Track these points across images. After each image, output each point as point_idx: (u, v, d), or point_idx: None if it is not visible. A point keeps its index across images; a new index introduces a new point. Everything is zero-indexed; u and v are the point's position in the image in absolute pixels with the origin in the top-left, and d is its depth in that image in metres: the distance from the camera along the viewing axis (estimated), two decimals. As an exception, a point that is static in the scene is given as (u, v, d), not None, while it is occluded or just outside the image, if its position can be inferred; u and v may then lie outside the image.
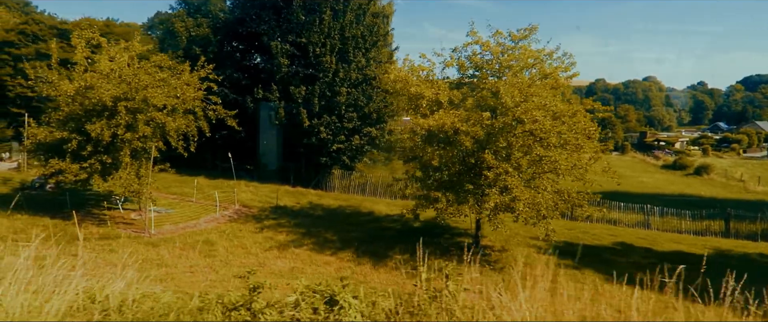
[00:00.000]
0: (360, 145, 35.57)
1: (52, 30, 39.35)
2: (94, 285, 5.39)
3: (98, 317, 4.39)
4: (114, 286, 5.40)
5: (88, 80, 21.98)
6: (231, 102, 30.17)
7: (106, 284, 5.59)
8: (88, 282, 5.05)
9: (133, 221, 24.59)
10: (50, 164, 21.53)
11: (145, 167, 22.87)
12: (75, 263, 5.40)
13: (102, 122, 21.33)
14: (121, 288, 5.27)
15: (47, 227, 22.16)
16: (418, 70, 22.10)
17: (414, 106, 21.88)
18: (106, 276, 5.63)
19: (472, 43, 22.26)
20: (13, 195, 27.56)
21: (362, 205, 31.66)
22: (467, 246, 24.36)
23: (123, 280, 5.47)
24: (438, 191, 20.24)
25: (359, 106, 33.94)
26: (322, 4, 33.00)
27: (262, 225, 25.10)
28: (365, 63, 34.26)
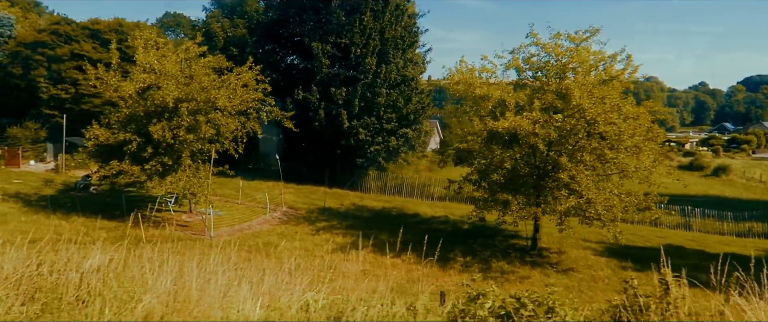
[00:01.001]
0: (396, 146, 35.55)
1: (84, 30, 39.16)
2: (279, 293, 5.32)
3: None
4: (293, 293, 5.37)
5: (146, 81, 21.89)
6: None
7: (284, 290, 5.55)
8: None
9: (186, 222, 24.49)
10: (111, 166, 21.39)
11: (203, 168, 22.78)
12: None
13: (163, 124, 21.23)
14: (299, 294, 5.23)
15: (107, 228, 22.08)
16: (482, 71, 22.07)
17: (475, 108, 21.85)
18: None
19: (530, 45, 22.27)
20: (58, 196, 27.44)
21: (405, 206, 31.61)
22: (522, 248, 24.41)
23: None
24: (506, 193, 20.17)
25: (398, 107, 33.90)
26: (361, 5, 32.94)
27: (315, 227, 25.02)
28: (403, 64, 34.23)
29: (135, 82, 21.71)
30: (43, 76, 37.45)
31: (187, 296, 4.61)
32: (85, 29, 39.26)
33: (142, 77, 22.03)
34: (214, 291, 4.93)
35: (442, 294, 5.43)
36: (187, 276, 5.10)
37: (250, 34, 34.91)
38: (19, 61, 38.49)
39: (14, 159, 33.71)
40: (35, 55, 37.81)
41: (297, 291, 5.38)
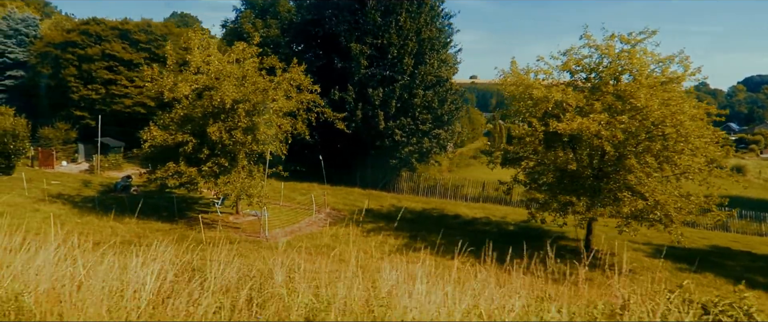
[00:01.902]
0: (430, 147, 35.51)
1: (113, 31, 38.98)
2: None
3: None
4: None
5: (201, 82, 21.78)
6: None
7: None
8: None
9: (235, 224, 24.39)
10: (167, 167, 21.28)
11: (257, 169, 22.70)
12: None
13: (219, 124, 21.14)
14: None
15: (163, 230, 21.98)
16: (537, 72, 22.04)
17: (532, 110, 21.81)
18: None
19: (582, 47, 22.25)
20: (101, 198, 27.28)
21: (444, 208, 31.57)
22: (573, 250, 24.26)
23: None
24: (567, 194, 20.13)
25: (433, 108, 33.85)
26: (396, 5, 32.88)
27: (363, 229, 24.93)
28: (437, 65, 34.19)
29: (190, 83, 21.58)
30: (73, 76, 37.23)
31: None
32: (115, 29, 39.08)
33: (196, 78, 21.91)
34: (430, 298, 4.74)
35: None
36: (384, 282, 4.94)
37: (283, 35, 34.81)
38: (49, 61, 38.27)
39: (48, 160, 33.53)
40: (65, 55, 37.60)
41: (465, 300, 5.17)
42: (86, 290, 4.34)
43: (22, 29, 43.39)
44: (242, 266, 5.49)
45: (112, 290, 4.34)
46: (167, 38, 39.97)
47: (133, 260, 5.02)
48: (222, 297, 4.47)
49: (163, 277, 4.71)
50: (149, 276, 4.52)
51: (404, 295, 4.56)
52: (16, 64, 42.58)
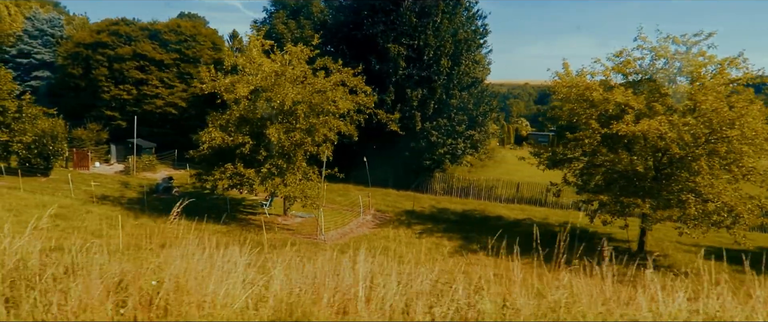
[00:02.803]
0: (463, 148, 35.48)
1: (143, 31, 38.84)
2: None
3: None
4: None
5: (256, 83, 21.69)
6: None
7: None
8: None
9: (287, 225, 24.30)
10: (225, 169, 21.17)
11: (314, 171, 22.63)
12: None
13: (276, 126, 21.06)
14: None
15: (220, 232, 21.87)
16: (594, 74, 22.04)
17: (589, 111, 21.79)
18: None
19: (636, 48, 22.29)
20: (145, 199, 27.14)
21: (484, 209, 31.53)
22: (625, 251, 24.41)
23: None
24: (630, 197, 20.11)
25: (468, 109, 33.82)
26: (432, 6, 32.84)
27: (413, 230, 24.89)
28: (471, 65, 34.16)
29: (248, 84, 21.48)
30: (104, 76, 37.05)
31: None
32: (144, 30, 38.93)
33: (249, 79, 21.80)
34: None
35: None
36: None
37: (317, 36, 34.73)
38: (79, 61, 38.07)
39: (83, 161, 33.37)
40: (96, 56, 37.41)
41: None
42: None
43: (48, 30, 43.18)
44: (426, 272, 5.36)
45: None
46: (196, 38, 39.90)
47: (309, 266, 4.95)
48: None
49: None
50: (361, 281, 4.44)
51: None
52: (42, 65, 42.40)
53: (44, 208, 23.68)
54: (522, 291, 4.52)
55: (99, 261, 4.70)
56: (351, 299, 4.30)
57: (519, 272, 5.01)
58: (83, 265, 4.50)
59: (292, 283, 4.75)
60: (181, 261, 4.77)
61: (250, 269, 4.89)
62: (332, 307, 4.26)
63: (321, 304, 4.16)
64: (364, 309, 4.20)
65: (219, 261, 4.98)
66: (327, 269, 5.08)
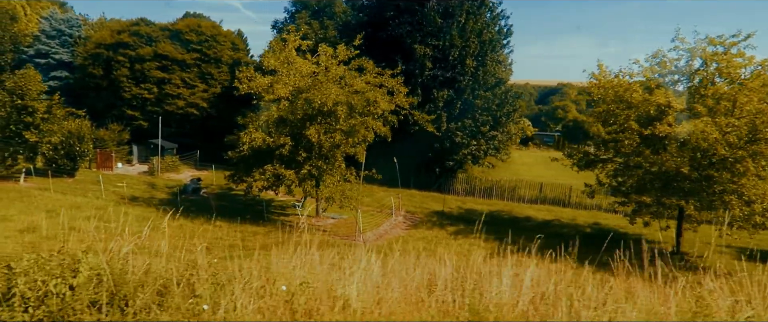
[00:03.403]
0: (486, 148, 35.48)
1: (164, 31, 38.76)
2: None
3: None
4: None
5: (294, 83, 21.65)
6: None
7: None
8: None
9: (322, 226, 24.25)
10: (265, 170, 21.13)
11: (351, 172, 22.59)
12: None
13: (316, 126, 21.02)
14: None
15: (261, 233, 21.81)
16: (632, 75, 22.07)
17: (627, 112, 21.81)
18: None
19: (672, 49, 22.31)
20: (176, 200, 27.09)
21: (511, 210, 31.53)
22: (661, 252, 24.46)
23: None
24: (670, 197, 20.12)
25: (492, 109, 33.82)
26: (457, 7, 32.82)
27: (446, 231, 24.87)
28: (496, 66, 34.17)
29: (286, 85, 21.45)
30: (125, 76, 36.95)
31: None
32: (165, 30, 38.86)
33: (290, 80, 21.76)
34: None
35: None
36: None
37: (340, 36, 34.67)
38: (100, 61, 37.96)
39: (107, 161, 33.28)
40: (117, 56, 37.31)
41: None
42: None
43: (66, 30, 43.05)
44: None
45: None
46: (217, 38, 39.83)
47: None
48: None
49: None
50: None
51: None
52: (60, 65, 42.25)
53: (79, 209, 23.67)
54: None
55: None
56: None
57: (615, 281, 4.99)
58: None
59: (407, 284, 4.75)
60: (300, 264, 4.74)
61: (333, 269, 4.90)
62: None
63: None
64: (509, 311, 4.20)
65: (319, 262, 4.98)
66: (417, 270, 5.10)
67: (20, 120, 26.63)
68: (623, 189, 23.10)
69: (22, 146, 27.29)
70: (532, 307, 4.24)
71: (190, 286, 4.19)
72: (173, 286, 4.04)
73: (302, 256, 5.03)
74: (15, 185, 27.33)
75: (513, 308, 4.22)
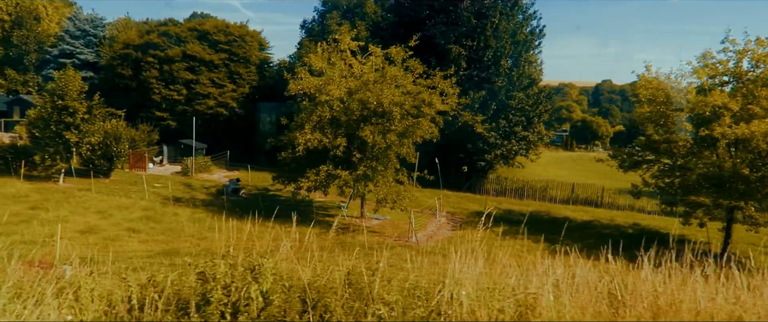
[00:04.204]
0: (517, 149, 35.49)
1: (192, 31, 38.63)
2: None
3: None
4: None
5: (348, 84, 21.59)
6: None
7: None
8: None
9: (369, 227, 24.18)
10: (319, 170, 21.05)
11: (403, 173, 22.54)
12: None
13: (370, 127, 20.96)
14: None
15: (314, 234, 21.74)
16: (682, 76, 22.13)
17: (674, 114, 21.88)
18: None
19: (721, 51, 22.36)
20: (219, 201, 26.98)
21: (548, 211, 31.53)
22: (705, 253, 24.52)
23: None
24: (726, 198, 20.13)
25: (525, 110, 33.82)
26: (490, 7, 32.82)
27: (493, 232, 24.74)
28: (528, 66, 34.18)
29: (338, 86, 21.38)
30: (155, 77, 36.81)
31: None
32: (193, 30, 38.72)
33: (343, 81, 21.69)
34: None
35: None
36: None
37: (372, 36, 34.63)
38: (129, 62, 37.80)
39: (140, 162, 33.15)
40: (147, 58, 37.16)
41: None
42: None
43: (90, 30, 42.88)
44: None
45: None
46: (244, 39, 39.74)
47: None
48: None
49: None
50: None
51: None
52: (86, 65, 42.09)
53: (127, 210, 23.51)
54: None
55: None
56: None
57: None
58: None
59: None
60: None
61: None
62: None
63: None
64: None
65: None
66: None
67: (61, 120, 26.49)
68: (671, 190, 23.16)
69: (62, 147, 27.14)
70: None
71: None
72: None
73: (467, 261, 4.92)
74: (55, 186, 27.17)
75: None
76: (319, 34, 35.69)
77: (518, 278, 4.35)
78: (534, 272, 4.70)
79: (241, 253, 4.28)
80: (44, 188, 26.00)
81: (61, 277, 4.59)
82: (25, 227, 18.90)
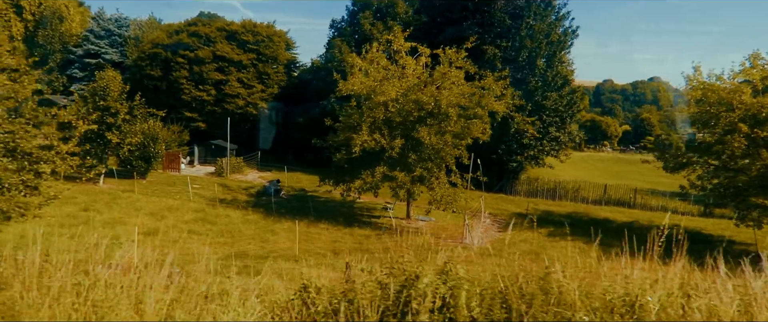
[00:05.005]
0: (549, 149, 35.50)
1: (220, 32, 38.46)
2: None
3: None
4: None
5: (403, 84, 21.53)
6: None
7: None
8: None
9: (418, 228, 24.13)
10: (375, 172, 20.99)
11: (455, 174, 22.49)
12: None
13: (426, 128, 20.90)
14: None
15: (370, 236, 21.66)
16: (734, 76, 22.20)
17: (726, 114, 21.92)
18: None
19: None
20: (261, 202, 26.90)
21: (586, 211, 31.54)
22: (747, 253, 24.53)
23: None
24: None
25: (559, 110, 33.82)
26: (524, 8, 32.80)
27: (540, 233, 24.81)
28: (561, 66, 34.20)
29: (395, 86, 21.31)
30: (185, 78, 36.65)
31: None
32: (221, 30, 38.56)
33: (397, 82, 21.63)
34: None
35: None
36: None
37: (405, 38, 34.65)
38: (158, 62, 37.61)
39: (174, 163, 33.02)
40: (176, 58, 36.99)
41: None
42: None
43: (114, 30, 42.67)
44: None
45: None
46: (272, 38, 39.60)
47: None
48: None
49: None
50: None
51: None
52: (111, 65, 41.77)
53: (178, 211, 23.34)
54: None
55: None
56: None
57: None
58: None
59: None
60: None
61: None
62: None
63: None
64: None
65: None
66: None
67: (103, 121, 26.33)
68: (721, 192, 23.23)
69: (104, 148, 27.01)
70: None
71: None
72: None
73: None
74: (96, 187, 27.03)
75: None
76: (351, 34, 35.61)
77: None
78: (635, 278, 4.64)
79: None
80: (88, 190, 25.83)
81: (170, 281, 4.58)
82: (85, 229, 18.80)
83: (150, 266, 4.43)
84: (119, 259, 4.82)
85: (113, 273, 4.67)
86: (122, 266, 5.70)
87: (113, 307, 3.69)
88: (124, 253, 4.81)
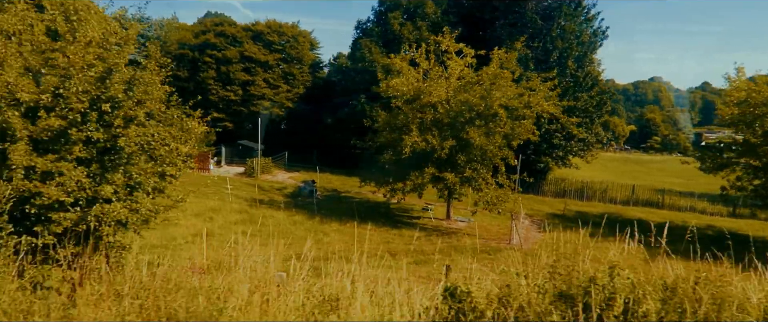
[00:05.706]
0: (576, 149, 35.56)
1: (246, 32, 38.42)
2: None
3: None
4: None
5: (452, 85, 21.58)
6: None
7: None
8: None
9: (459, 229, 24.14)
10: (425, 173, 21.00)
11: (501, 174, 22.51)
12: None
13: (475, 129, 20.90)
14: None
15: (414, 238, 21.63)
16: None
17: None
18: None
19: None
20: (299, 202, 26.86)
21: (618, 212, 31.58)
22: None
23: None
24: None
25: (589, 111, 33.87)
26: (555, 9, 32.85)
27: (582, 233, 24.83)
28: (591, 66, 34.27)
29: (443, 87, 21.33)
30: (213, 78, 36.59)
31: None
32: (247, 30, 38.51)
33: (444, 83, 21.66)
34: None
35: None
36: None
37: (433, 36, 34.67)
38: (185, 63, 37.54)
39: (204, 163, 32.95)
40: (204, 58, 36.91)
41: None
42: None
43: (137, 30, 42.47)
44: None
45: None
46: (297, 39, 39.58)
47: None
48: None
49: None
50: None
51: None
52: (132, 64, 41.71)
53: (221, 212, 23.27)
54: None
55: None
56: None
57: None
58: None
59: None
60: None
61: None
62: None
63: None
64: None
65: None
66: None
67: (141, 122, 26.25)
68: (764, 192, 23.35)
69: (140, 148, 26.93)
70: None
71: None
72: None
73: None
74: (133, 188, 26.91)
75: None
76: (379, 35, 35.55)
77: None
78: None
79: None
80: (126, 190, 25.73)
81: (280, 283, 4.59)
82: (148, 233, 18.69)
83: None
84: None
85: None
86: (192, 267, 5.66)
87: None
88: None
